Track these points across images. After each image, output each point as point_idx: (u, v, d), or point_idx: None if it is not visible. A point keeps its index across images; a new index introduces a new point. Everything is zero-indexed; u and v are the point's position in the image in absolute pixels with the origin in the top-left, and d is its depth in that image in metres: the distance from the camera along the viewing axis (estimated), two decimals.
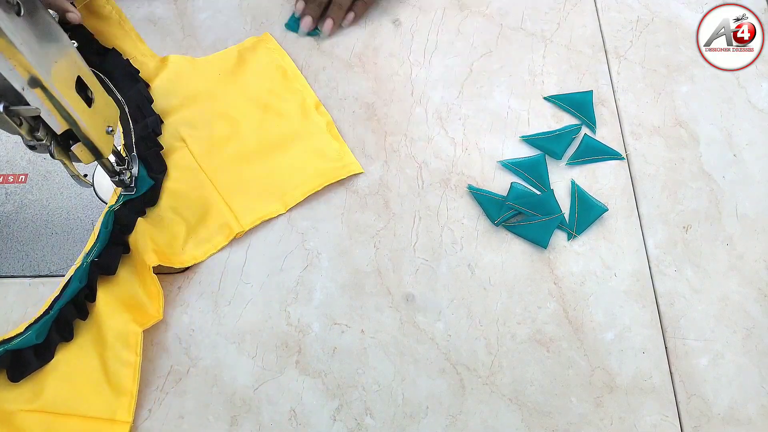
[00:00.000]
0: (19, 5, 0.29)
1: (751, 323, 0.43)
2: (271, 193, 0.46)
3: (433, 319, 0.43)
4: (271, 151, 0.47)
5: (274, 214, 0.45)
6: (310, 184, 0.46)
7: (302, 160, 0.47)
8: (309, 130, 0.48)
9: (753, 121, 0.50)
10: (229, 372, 0.41)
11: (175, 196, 0.46)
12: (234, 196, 0.46)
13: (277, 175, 0.47)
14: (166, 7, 0.55)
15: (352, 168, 0.47)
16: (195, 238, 0.45)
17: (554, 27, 0.54)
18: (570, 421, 0.40)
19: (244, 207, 0.45)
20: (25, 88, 0.30)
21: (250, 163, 0.47)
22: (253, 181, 0.46)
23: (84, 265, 0.41)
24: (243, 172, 0.47)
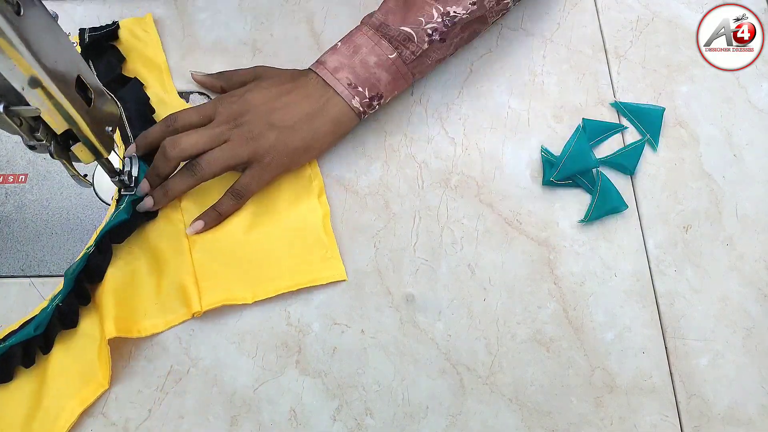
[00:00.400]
0: (19, 5, 0.29)
1: (751, 323, 0.43)
2: (244, 278, 0.43)
3: (433, 319, 0.43)
4: (258, 232, 0.44)
5: (239, 302, 0.42)
6: (286, 282, 0.43)
7: (286, 252, 0.44)
8: (304, 218, 0.45)
9: (753, 121, 0.50)
10: (229, 372, 0.41)
11: (153, 254, 0.43)
12: (206, 270, 0.43)
13: (256, 261, 0.43)
14: (166, 7, 0.55)
15: (335, 275, 0.43)
16: (159, 305, 0.42)
17: (554, 27, 0.54)
18: (570, 421, 0.40)
19: (212, 285, 0.42)
20: (25, 88, 0.30)
21: (234, 239, 0.44)
22: (231, 260, 0.43)
23: (49, 309, 0.40)
24: (224, 247, 0.44)
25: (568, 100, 0.50)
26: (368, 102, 0.45)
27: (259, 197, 0.45)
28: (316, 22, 0.54)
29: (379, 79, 0.44)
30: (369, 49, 0.44)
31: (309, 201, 0.45)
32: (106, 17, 0.54)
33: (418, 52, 0.44)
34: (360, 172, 0.48)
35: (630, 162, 0.47)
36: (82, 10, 0.54)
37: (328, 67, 0.45)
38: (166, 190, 0.44)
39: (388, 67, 0.44)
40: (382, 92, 0.45)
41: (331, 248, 0.44)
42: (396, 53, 0.44)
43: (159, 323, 0.42)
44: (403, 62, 0.45)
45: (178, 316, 0.42)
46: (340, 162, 0.48)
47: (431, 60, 0.46)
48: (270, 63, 0.50)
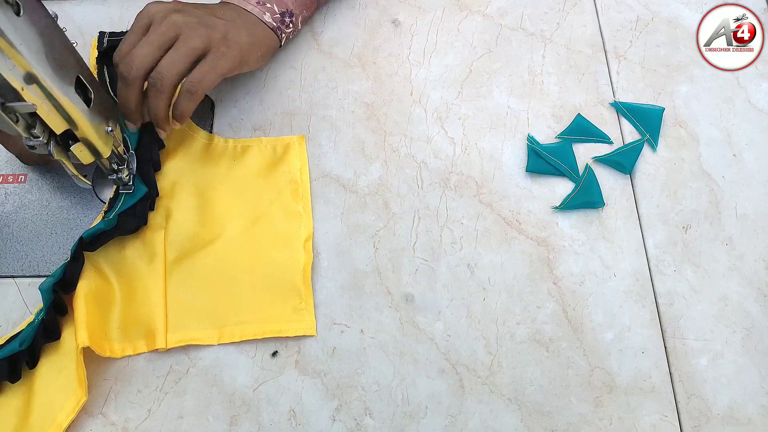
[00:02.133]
0: (19, 5, 0.29)
1: (750, 323, 0.43)
2: (213, 316, 0.42)
3: (432, 319, 0.43)
4: (237, 266, 0.43)
5: (203, 342, 0.41)
6: (254, 328, 0.42)
7: (260, 295, 0.43)
8: (285, 263, 0.44)
9: (753, 121, 0.49)
10: (228, 372, 0.41)
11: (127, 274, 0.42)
12: (176, 304, 0.42)
13: (229, 299, 0.42)
14: None
15: (305, 328, 0.42)
16: (123, 331, 0.41)
17: (554, 27, 0.53)
18: (569, 421, 0.40)
19: (180, 321, 0.41)
20: (24, 87, 0.30)
21: (212, 270, 0.43)
22: (205, 294, 0.42)
23: (35, 323, 0.39)
24: (198, 282, 0.43)
25: (567, 100, 0.50)
26: (280, 18, 0.47)
27: (248, 227, 0.45)
28: (316, 22, 0.54)
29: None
30: None
31: (294, 245, 0.44)
32: (105, 17, 0.54)
33: None
34: (360, 172, 0.48)
35: (628, 161, 0.47)
36: (81, 10, 0.54)
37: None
38: (155, 119, 0.42)
39: None
40: (290, 8, 0.47)
41: (306, 299, 0.43)
42: None
43: (116, 349, 0.41)
44: None
45: (138, 346, 0.41)
46: (340, 162, 0.48)
47: None
48: (270, 63, 0.50)
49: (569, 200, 0.46)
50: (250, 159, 0.47)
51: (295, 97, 0.51)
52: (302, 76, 0.52)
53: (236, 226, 0.45)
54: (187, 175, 0.46)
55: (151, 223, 0.44)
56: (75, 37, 0.52)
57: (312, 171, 0.48)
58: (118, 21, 0.54)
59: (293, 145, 0.48)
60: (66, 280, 0.40)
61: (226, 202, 0.45)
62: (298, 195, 0.46)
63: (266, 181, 0.47)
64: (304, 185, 0.46)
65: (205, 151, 0.47)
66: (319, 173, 0.48)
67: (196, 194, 0.46)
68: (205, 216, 0.45)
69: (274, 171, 0.47)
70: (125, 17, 0.54)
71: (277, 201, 0.46)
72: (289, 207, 0.46)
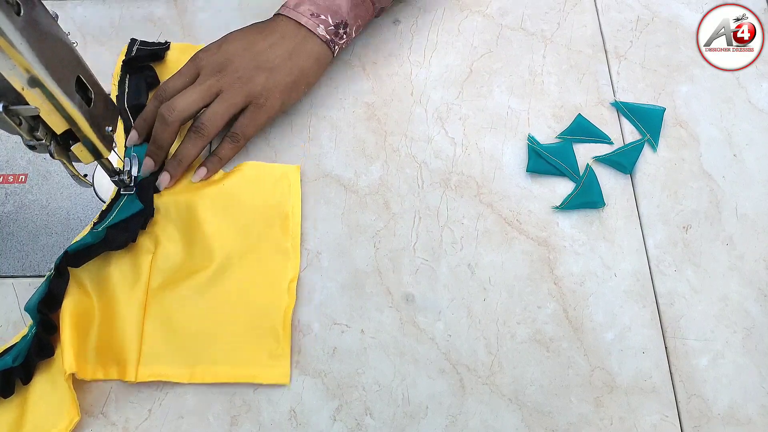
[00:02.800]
0: (19, 5, 0.29)
1: (751, 323, 0.43)
2: (186, 354, 0.41)
3: (433, 319, 0.43)
4: (216, 308, 0.42)
5: (174, 379, 0.40)
6: (226, 371, 0.40)
7: (238, 336, 0.41)
8: (266, 306, 0.42)
9: (753, 121, 0.50)
10: None
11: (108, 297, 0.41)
12: (152, 337, 0.41)
13: (204, 339, 0.41)
14: (166, 7, 0.55)
15: (279, 376, 0.40)
16: (97, 354, 0.40)
17: (554, 27, 0.54)
18: (570, 421, 0.40)
19: (154, 355, 0.40)
20: (24, 87, 0.30)
21: (189, 309, 0.42)
22: (180, 331, 0.41)
23: (28, 337, 0.38)
24: (177, 315, 0.41)
25: (568, 100, 0.50)
26: (334, 30, 0.47)
27: (235, 261, 0.43)
28: None
29: (340, 6, 0.46)
30: None
31: (278, 285, 0.43)
32: (105, 17, 0.54)
33: None
34: (360, 172, 0.48)
35: (628, 161, 0.47)
36: (82, 10, 0.54)
37: (290, 5, 0.47)
38: (179, 159, 0.45)
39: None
40: (345, 19, 0.47)
41: (283, 345, 0.41)
42: None
43: (87, 371, 0.39)
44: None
45: (110, 372, 0.40)
46: (340, 162, 0.48)
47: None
48: None
49: (570, 200, 0.46)
50: (241, 183, 0.46)
51: None
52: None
53: (223, 259, 0.43)
54: (180, 199, 0.45)
55: (140, 245, 0.43)
56: (75, 37, 0.52)
57: (312, 171, 0.48)
58: (119, 21, 0.54)
59: (287, 175, 0.46)
60: (51, 296, 0.39)
61: (217, 233, 0.44)
62: (288, 231, 0.44)
63: (256, 212, 0.45)
64: (294, 220, 0.45)
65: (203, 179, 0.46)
66: (320, 173, 0.48)
67: (186, 221, 0.44)
68: (194, 246, 0.44)
69: (265, 201, 0.45)
70: (125, 17, 0.54)
71: (266, 235, 0.44)
72: (278, 243, 0.44)
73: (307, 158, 0.48)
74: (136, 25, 0.53)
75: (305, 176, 0.48)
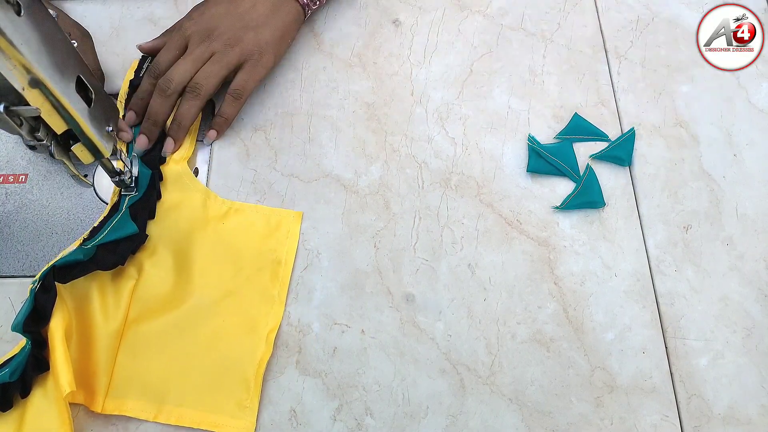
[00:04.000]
0: (19, 5, 0.29)
1: (751, 323, 0.43)
2: (155, 391, 0.40)
3: (433, 319, 0.43)
4: (191, 347, 0.41)
5: (138, 416, 0.39)
6: (192, 417, 0.39)
7: (208, 382, 0.40)
8: (242, 353, 0.41)
9: (753, 121, 0.50)
10: None
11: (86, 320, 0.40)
12: (123, 369, 0.40)
13: (175, 379, 0.40)
14: (166, 7, 0.55)
15: (243, 427, 0.39)
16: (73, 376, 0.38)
17: (554, 27, 0.54)
18: (570, 421, 0.40)
19: (122, 388, 0.39)
20: (25, 88, 0.30)
21: (164, 344, 0.41)
22: (152, 368, 0.40)
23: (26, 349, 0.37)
24: (151, 350, 0.41)
25: (568, 100, 0.50)
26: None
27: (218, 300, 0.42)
28: (317, 22, 0.54)
29: None
30: None
31: (257, 332, 0.42)
32: (105, 17, 0.54)
33: None
34: (360, 172, 0.48)
35: (625, 153, 0.47)
36: (81, 10, 0.54)
37: None
38: (178, 122, 0.45)
39: None
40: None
41: (253, 397, 0.40)
42: None
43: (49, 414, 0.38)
44: None
45: (77, 396, 0.39)
46: (340, 162, 0.48)
47: None
48: None
49: (570, 200, 0.46)
50: (240, 226, 0.45)
51: (296, 97, 0.51)
52: (303, 76, 0.52)
53: (207, 295, 0.42)
54: (174, 229, 0.44)
55: (126, 270, 0.42)
56: None
57: (312, 171, 0.48)
58: (119, 21, 0.54)
59: (287, 222, 0.45)
60: (38, 313, 0.38)
61: (204, 268, 0.43)
62: (278, 278, 0.43)
63: (249, 255, 0.44)
64: (286, 268, 0.44)
65: (198, 207, 0.45)
66: (320, 173, 0.48)
67: (177, 253, 0.44)
68: (179, 278, 0.43)
69: (260, 245, 0.44)
70: (125, 17, 0.54)
71: (254, 279, 0.43)
72: (265, 289, 0.43)
73: (307, 158, 0.48)
74: (136, 25, 0.53)
75: (305, 176, 0.48)
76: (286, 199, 0.47)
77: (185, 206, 0.45)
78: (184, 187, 0.46)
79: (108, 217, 0.43)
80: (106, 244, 0.41)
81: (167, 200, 0.45)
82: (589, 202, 0.46)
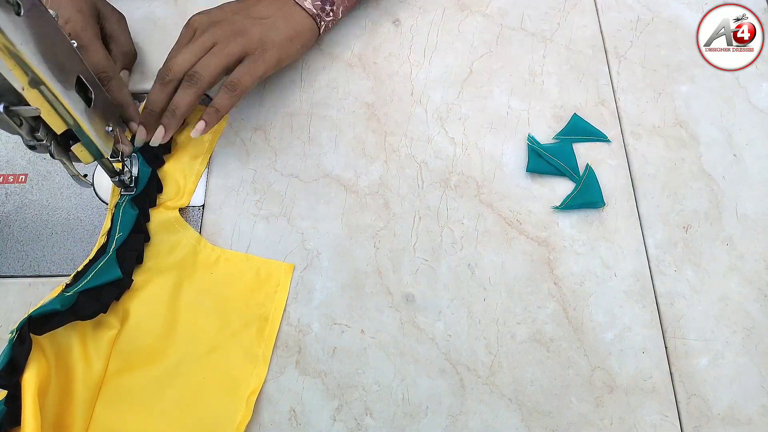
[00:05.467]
0: (19, 5, 0.29)
1: (751, 323, 0.43)
2: None
3: (433, 319, 0.43)
4: (169, 405, 0.40)
5: None
6: None
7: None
8: (220, 416, 0.39)
9: (753, 121, 0.50)
10: None
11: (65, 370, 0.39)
12: (100, 424, 0.39)
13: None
14: (166, 7, 0.55)
15: None
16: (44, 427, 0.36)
17: (554, 27, 0.54)
18: (570, 421, 0.40)
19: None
20: (25, 88, 0.30)
21: (142, 400, 0.40)
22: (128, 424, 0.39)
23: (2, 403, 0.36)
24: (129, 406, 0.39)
25: (568, 100, 0.50)
26: (320, 5, 0.47)
27: (201, 356, 0.41)
28: None
29: None
30: None
31: (238, 394, 0.40)
32: None
33: None
34: (360, 172, 0.48)
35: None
36: None
37: None
38: (172, 110, 0.43)
39: None
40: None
41: None
42: None
43: None
44: None
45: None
46: (340, 162, 0.48)
47: None
48: None
49: (569, 200, 0.46)
50: (229, 275, 0.44)
51: (296, 97, 0.51)
52: (303, 76, 0.52)
53: (190, 351, 0.41)
54: (161, 276, 0.43)
55: (108, 319, 0.41)
56: None
57: (312, 171, 0.48)
58: None
59: (278, 274, 0.44)
60: (13, 365, 0.36)
61: (189, 320, 0.42)
62: (263, 336, 0.42)
63: (236, 308, 0.43)
64: (273, 325, 0.42)
65: (188, 254, 0.44)
66: (320, 173, 0.48)
67: (162, 302, 0.42)
68: (163, 329, 0.41)
69: (248, 298, 0.43)
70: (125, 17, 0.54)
71: (240, 335, 0.42)
72: (249, 347, 0.41)
73: (307, 158, 0.48)
74: (136, 25, 0.53)
75: (305, 176, 0.48)
76: (285, 199, 0.47)
77: (174, 252, 0.44)
78: (174, 231, 0.44)
79: (94, 260, 0.41)
80: (89, 291, 0.39)
81: (156, 244, 0.44)
82: (588, 203, 0.46)
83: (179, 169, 0.47)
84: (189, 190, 0.46)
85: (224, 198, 0.47)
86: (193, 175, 0.47)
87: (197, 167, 0.47)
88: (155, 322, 0.41)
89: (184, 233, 0.44)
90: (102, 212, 0.46)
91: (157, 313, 0.42)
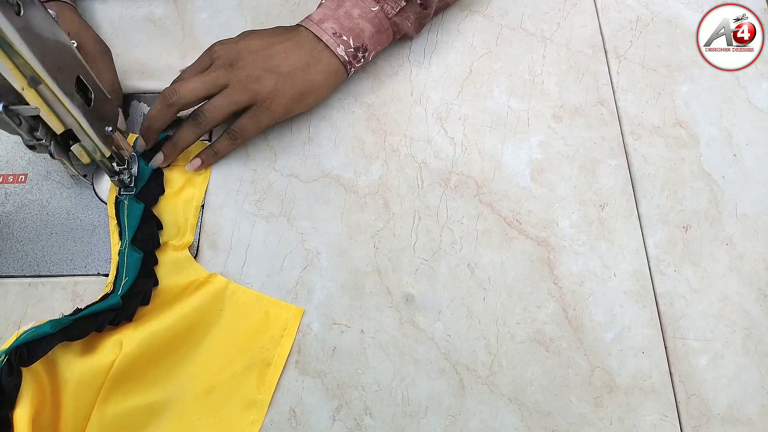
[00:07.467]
0: (19, 5, 0.29)
1: (751, 323, 0.43)
2: None
3: (432, 319, 0.43)
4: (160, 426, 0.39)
5: None
6: None
7: None
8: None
9: (753, 121, 0.50)
10: None
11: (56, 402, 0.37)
12: None
13: None
14: (166, 7, 0.55)
15: None
16: None
17: (554, 27, 0.54)
18: (570, 421, 0.40)
19: None
20: (24, 87, 0.30)
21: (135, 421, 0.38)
22: None
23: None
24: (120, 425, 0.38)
25: (568, 100, 0.50)
26: (353, 52, 0.46)
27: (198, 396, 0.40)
28: None
29: (363, 30, 0.46)
30: (352, 2, 0.46)
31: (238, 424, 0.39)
32: (105, 17, 0.54)
33: (397, 8, 0.47)
34: (360, 172, 0.48)
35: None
36: (81, 10, 0.54)
37: (314, 19, 0.46)
38: (174, 143, 0.45)
39: (371, 19, 0.46)
40: (366, 44, 0.47)
41: None
42: (378, 6, 0.46)
43: None
44: (385, 16, 0.47)
45: None
46: (340, 162, 0.48)
47: (410, 20, 0.49)
48: None
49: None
50: (237, 314, 0.42)
51: None
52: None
53: (187, 386, 0.40)
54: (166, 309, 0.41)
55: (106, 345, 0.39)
56: None
57: (312, 171, 0.48)
58: (119, 21, 0.54)
59: (286, 317, 0.42)
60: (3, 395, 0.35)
61: (190, 357, 0.41)
62: (264, 382, 0.40)
63: (240, 347, 0.41)
64: (275, 371, 0.41)
65: (197, 289, 0.42)
66: (320, 173, 0.48)
67: (164, 333, 0.40)
68: (162, 362, 0.40)
69: (253, 339, 0.42)
70: (125, 17, 0.54)
71: (240, 377, 0.40)
72: (248, 393, 0.40)
73: (306, 158, 0.48)
74: (136, 25, 0.53)
75: (305, 176, 0.48)
76: (285, 199, 0.47)
77: (183, 293, 0.42)
78: (186, 275, 0.43)
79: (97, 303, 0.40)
80: (86, 317, 0.38)
81: (164, 288, 0.42)
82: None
83: (177, 204, 0.46)
84: (191, 225, 0.45)
85: (224, 198, 0.47)
86: (192, 208, 0.46)
87: (194, 203, 0.46)
88: (154, 352, 0.40)
89: (194, 273, 0.43)
90: (102, 212, 0.46)
91: (157, 342, 0.40)
